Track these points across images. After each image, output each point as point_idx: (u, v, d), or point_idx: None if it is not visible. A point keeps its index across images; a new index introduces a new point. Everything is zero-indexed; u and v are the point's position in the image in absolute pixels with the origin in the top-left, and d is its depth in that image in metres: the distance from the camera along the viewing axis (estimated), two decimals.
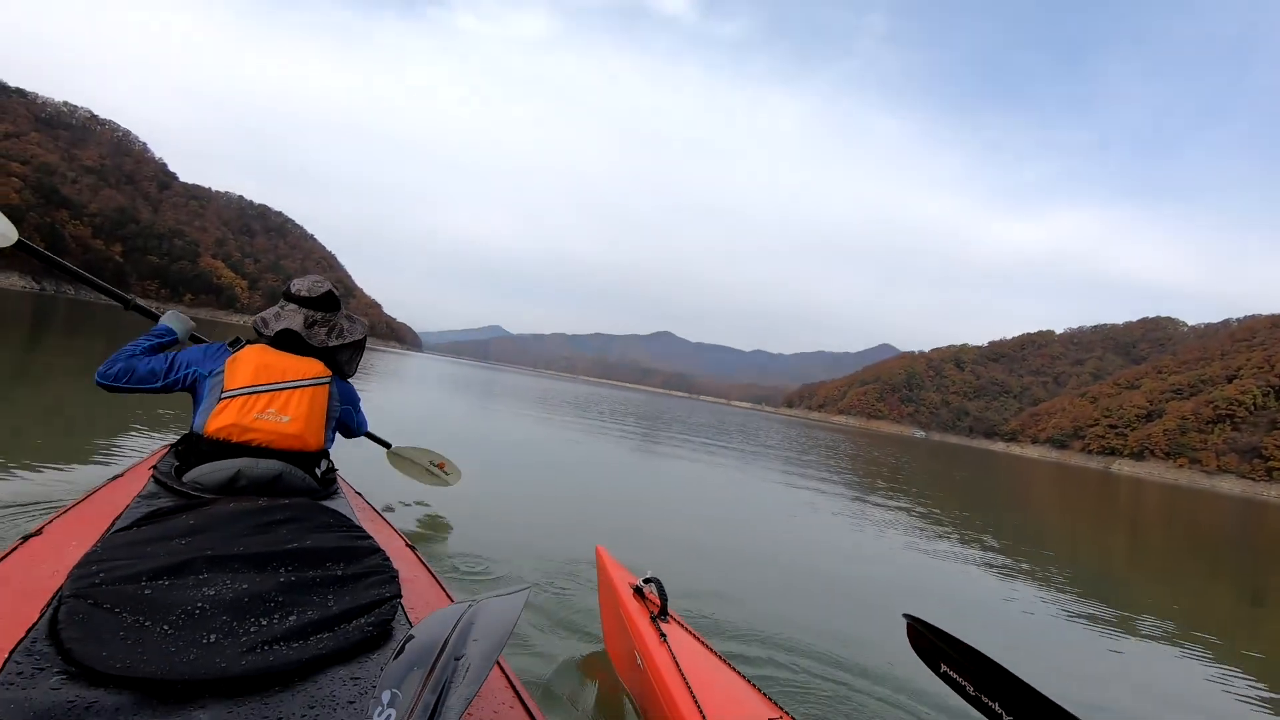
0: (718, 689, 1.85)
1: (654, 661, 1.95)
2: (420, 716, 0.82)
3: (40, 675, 0.90)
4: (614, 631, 2.56)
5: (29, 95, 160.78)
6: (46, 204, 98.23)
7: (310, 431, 1.96)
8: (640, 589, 2.38)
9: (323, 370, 2.05)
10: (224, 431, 1.85)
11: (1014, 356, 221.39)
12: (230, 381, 1.91)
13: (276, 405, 1.91)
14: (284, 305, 2.19)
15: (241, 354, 1.98)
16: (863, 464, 20.57)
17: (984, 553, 7.64)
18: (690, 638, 2.21)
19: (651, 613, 2.23)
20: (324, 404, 2.02)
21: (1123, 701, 3.64)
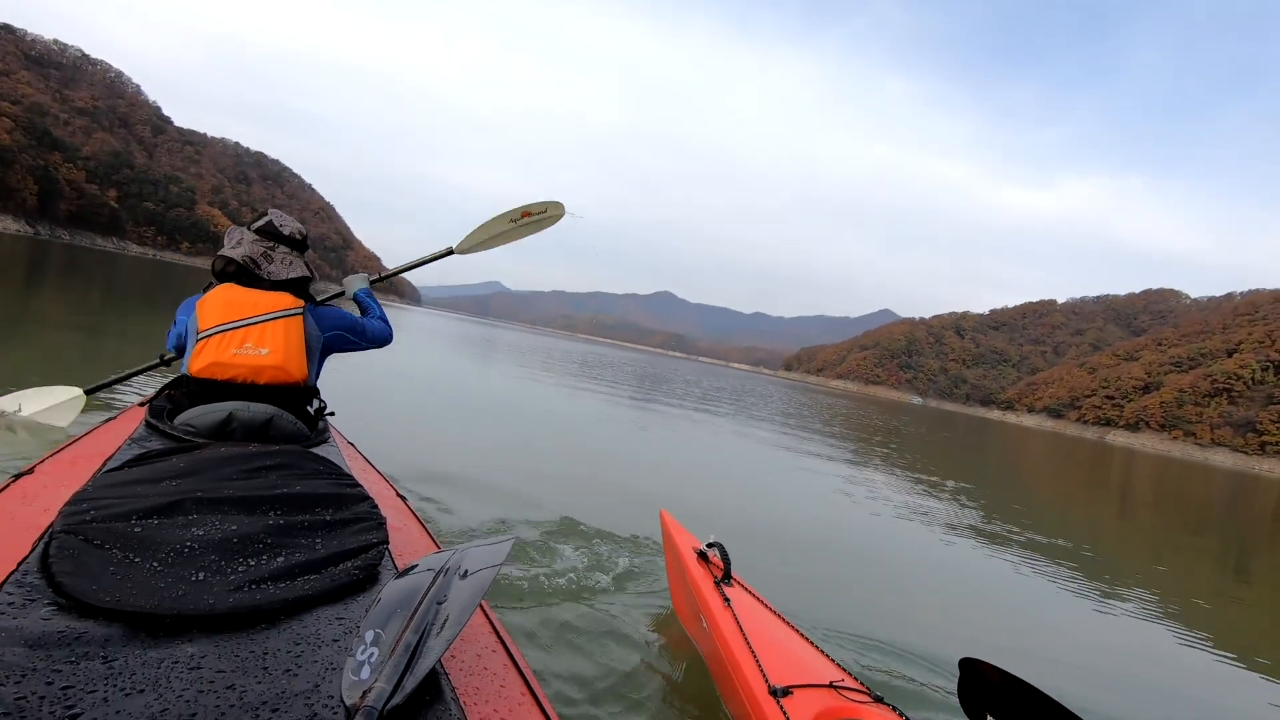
0: (781, 652, 1.88)
1: (718, 624, 1.98)
2: (402, 655, 0.85)
3: (31, 606, 0.92)
4: (680, 593, 2.62)
5: (17, 32, 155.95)
6: (38, 146, 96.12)
7: (291, 361, 1.97)
8: (704, 553, 2.41)
9: (293, 301, 2.05)
10: (206, 370, 1.89)
11: (1015, 325, 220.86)
12: (203, 322, 1.94)
13: (252, 339, 1.93)
14: (275, 247, 2.16)
15: (208, 296, 2.01)
16: (883, 436, 20.53)
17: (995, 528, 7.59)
18: (754, 601, 2.21)
19: (715, 576, 2.25)
20: (299, 332, 2.02)
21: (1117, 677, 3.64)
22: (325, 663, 0.92)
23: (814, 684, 1.72)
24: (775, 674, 1.74)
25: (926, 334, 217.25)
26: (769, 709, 1.65)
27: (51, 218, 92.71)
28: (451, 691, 0.92)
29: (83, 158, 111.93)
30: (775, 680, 1.71)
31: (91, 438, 1.92)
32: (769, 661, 1.79)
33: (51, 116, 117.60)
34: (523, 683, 1.06)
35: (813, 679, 1.75)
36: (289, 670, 0.89)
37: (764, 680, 1.71)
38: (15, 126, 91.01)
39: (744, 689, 1.77)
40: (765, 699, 1.67)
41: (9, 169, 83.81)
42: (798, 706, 1.64)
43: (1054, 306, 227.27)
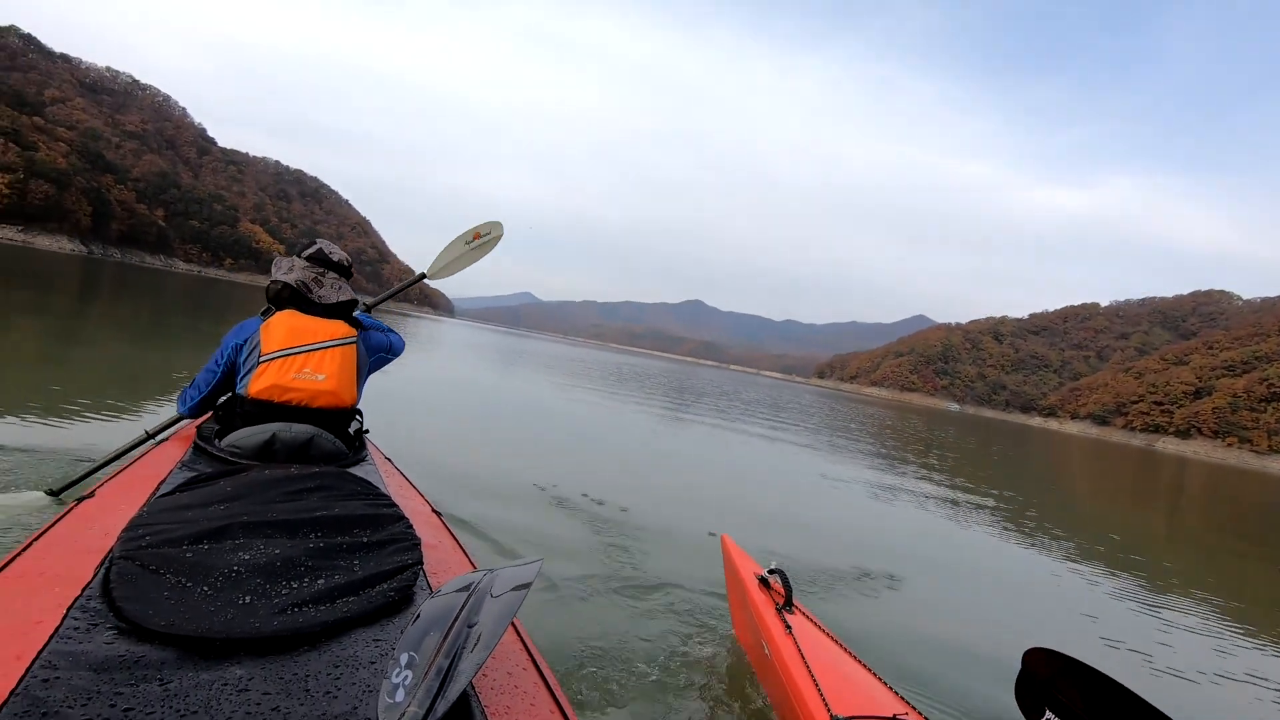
0: (844, 682, 1.88)
1: (780, 652, 1.98)
2: (434, 679, 0.87)
3: (95, 630, 0.97)
4: (741, 619, 2.60)
5: (73, 61, 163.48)
6: (92, 169, 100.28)
7: (344, 387, 2.10)
8: (765, 579, 2.39)
9: (350, 330, 2.18)
10: (266, 392, 1.99)
11: (1055, 329, 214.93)
12: (266, 345, 2.03)
13: (311, 365, 2.04)
14: (325, 273, 2.27)
15: (273, 320, 2.10)
16: (941, 450, 20.10)
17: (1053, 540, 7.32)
18: (816, 630, 2.19)
19: (777, 603, 2.22)
20: (354, 361, 2.16)
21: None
22: (362, 685, 0.95)
23: (877, 715, 1.70)
24: (838, 703, 1.72)
25: (963, 339, 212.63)
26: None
27: (104, 237, 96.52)
28: (482, 713, 0.95)
29: (133, 179, 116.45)
30: (838, 709, 1.69)
31: (146, 461, 2.00)
32: (831, 691, 1.77)
33: (104, 140, 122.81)
34: (553, 701, 1.08)
35: (875, 710, 1.73)
36: (329, 693, 0.92)
37: (826, 710, 1.70)
38: (71, 151, 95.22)
39: (805, 716, 1.75)
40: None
41: (65, 192, 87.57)
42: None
43: (1097, 309, 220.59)
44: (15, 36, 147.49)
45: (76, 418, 4.51)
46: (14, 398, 4.81)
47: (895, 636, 3.34)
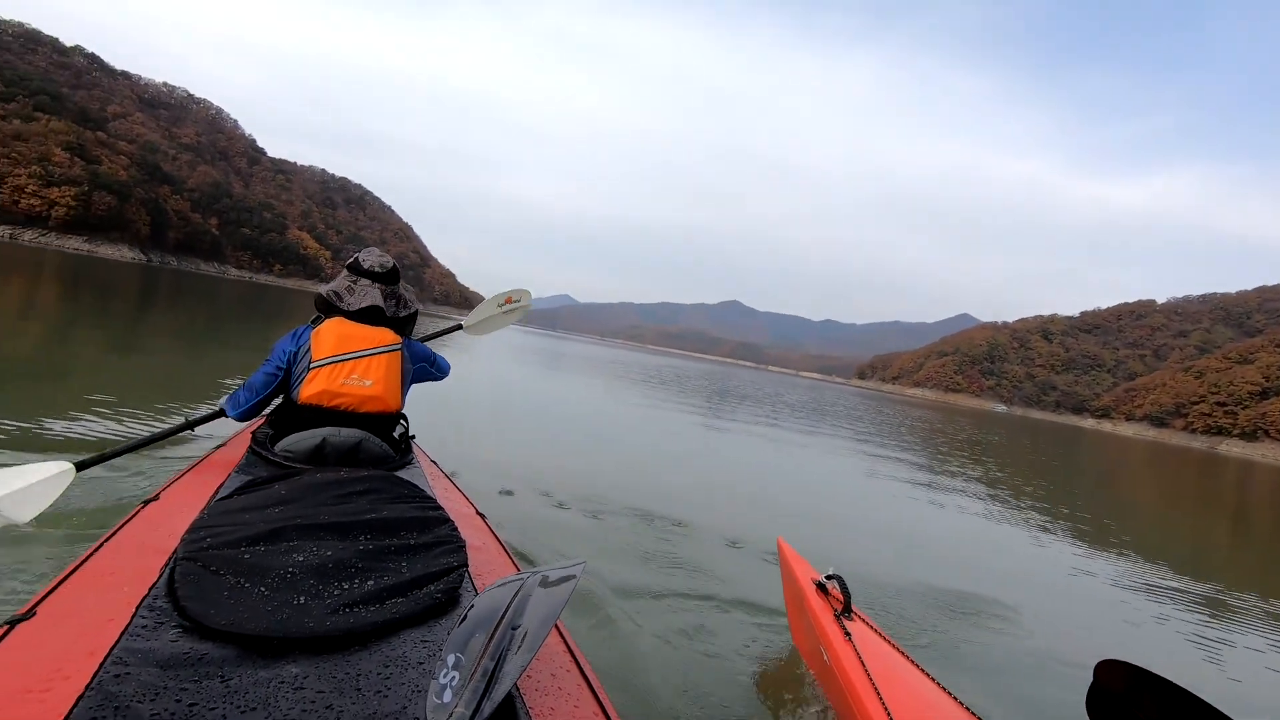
0: (907, 692, 1.83)
1: (839, 660, 1.94)
2: (480, 680, 0.89)
3: (161, 628, 1.01)
4: (799, 625, 2.53)
5: (133, 77, 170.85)
6: (150, 180, 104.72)
7: (389, 393, 2.19)
8: (823, 585, 2.32)
9: (395, 338, 2.27)
10: (317, 398, 2.08)
11: (1109, 328, 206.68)
12: (317, 352, 2.13)
13: (359, 371, 2.13)
14: (357, 280, 2.37)
15: (322, 328, 2.20)
16: (994, 453, 19.57)
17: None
18: (877, 637, 2.13)
19: (835, 610, 2.17)
20: (399, 367, 2.24)
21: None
22: (411, 685, 0.98)
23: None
24: (900, 714, 1.68)
25: (1010, 338, 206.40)
26: None
27: (161, 245, 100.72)
28: (526, 714, 0.97)
29: (188, 189, 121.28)
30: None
31: (206, 464, 2.10)
32: (894, 701, 1.72)
33: (161, 153, 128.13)
34: (596, 703, 1.09)
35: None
36: (380, 692, 0.94)
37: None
38: (131, 164, 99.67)
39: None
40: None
41: (126, 203, 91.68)
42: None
43: (1153, 307, 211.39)
44: (81, 56, 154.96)
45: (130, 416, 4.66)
46: (75, 398, 4.99)
47: (958, 645, 3.21)
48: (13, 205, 79.54)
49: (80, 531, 2.47)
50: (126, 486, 3.11)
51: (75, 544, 2.35)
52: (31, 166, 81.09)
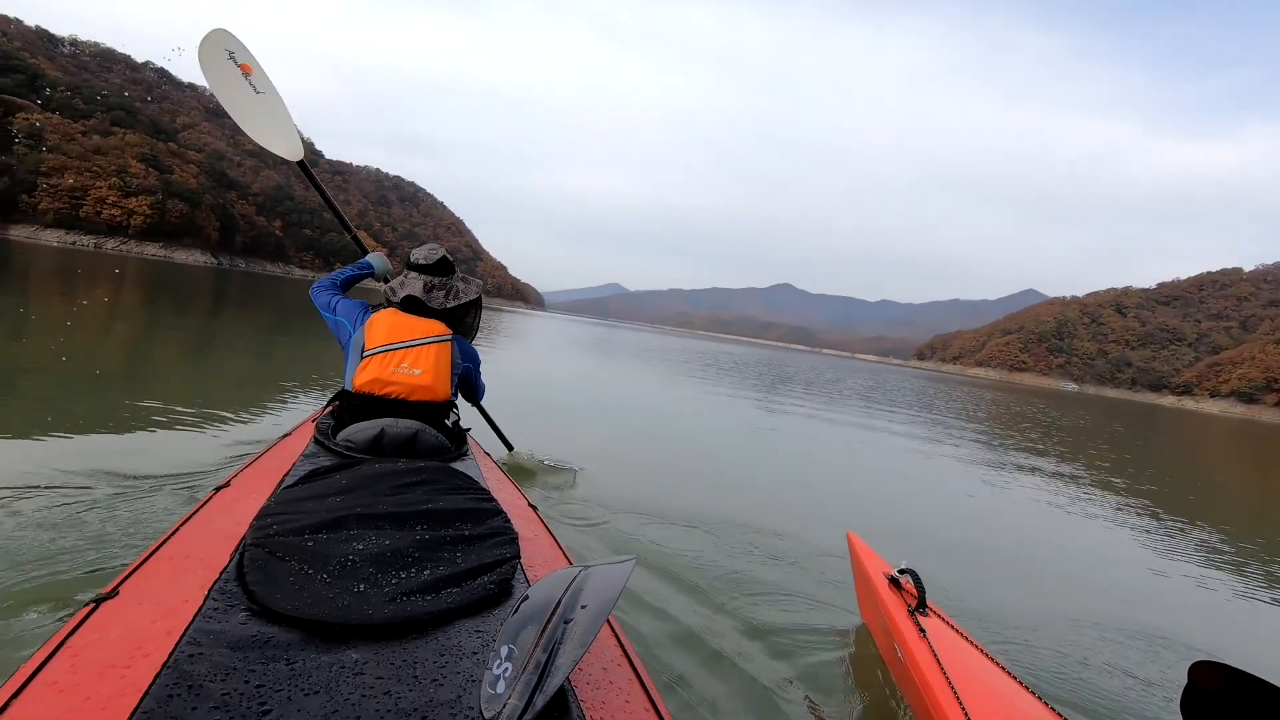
0: (986, 690, 1.77)
1: (914, 656, 1.91)
2: (533, 673, 0.89)
3: (231, 611, 1.06)
4: (872, 621, 2.50)
5: (199, 89, 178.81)
6: (218, 186, 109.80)
7: (439, 382, 2.25)
8: (896, 579, 2.26)
9: (444, 330, 2.34)
10: (368, 386, 2.17)
11: (1190, 299, 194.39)
12: (369, 342, 2.22)
13: (409, 360, 2.21)
14: (406, 274, 2.45)
15: (375, 318, 2.29)
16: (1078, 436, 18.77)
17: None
18: (954, 634, 2.08)
19: (909, 605, 2.14)
20: (448, 358, 2.30)
21: None
22: (466, 674, 1.00)
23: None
24: (978, 712, 1.63)
25: (1080, 314, 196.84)
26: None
27: (230, 248, 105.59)
28: (578, 708, 0.97)
29: (253, 194, 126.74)
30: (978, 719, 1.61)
31: (273, 453, 2.18)
32: (971, 700, 1.67)
33: (228, 160, 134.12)
34: (646, 698, 1.09)
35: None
36: (435, 680, 0.97)
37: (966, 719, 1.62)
38: (200, 172, 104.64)
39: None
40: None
41: (197, 209, 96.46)
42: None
43: (1239, 275, 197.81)
44: (151, 71, 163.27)
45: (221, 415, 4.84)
46: (167, 396, 5.24)
47: (1041, 642, 3.06)
48: (96, 216, 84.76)
49: (161, 514, 2.62)
50: (202, 472, 3.26)
51: (156, 526, 2.48)
52: (111, 179, 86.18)
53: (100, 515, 2.53)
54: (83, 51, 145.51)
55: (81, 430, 3.88)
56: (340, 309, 2.43)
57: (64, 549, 2.22)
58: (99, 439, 3.78)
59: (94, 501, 2.66)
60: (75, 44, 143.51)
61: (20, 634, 1.71)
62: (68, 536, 2.32)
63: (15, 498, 2.59)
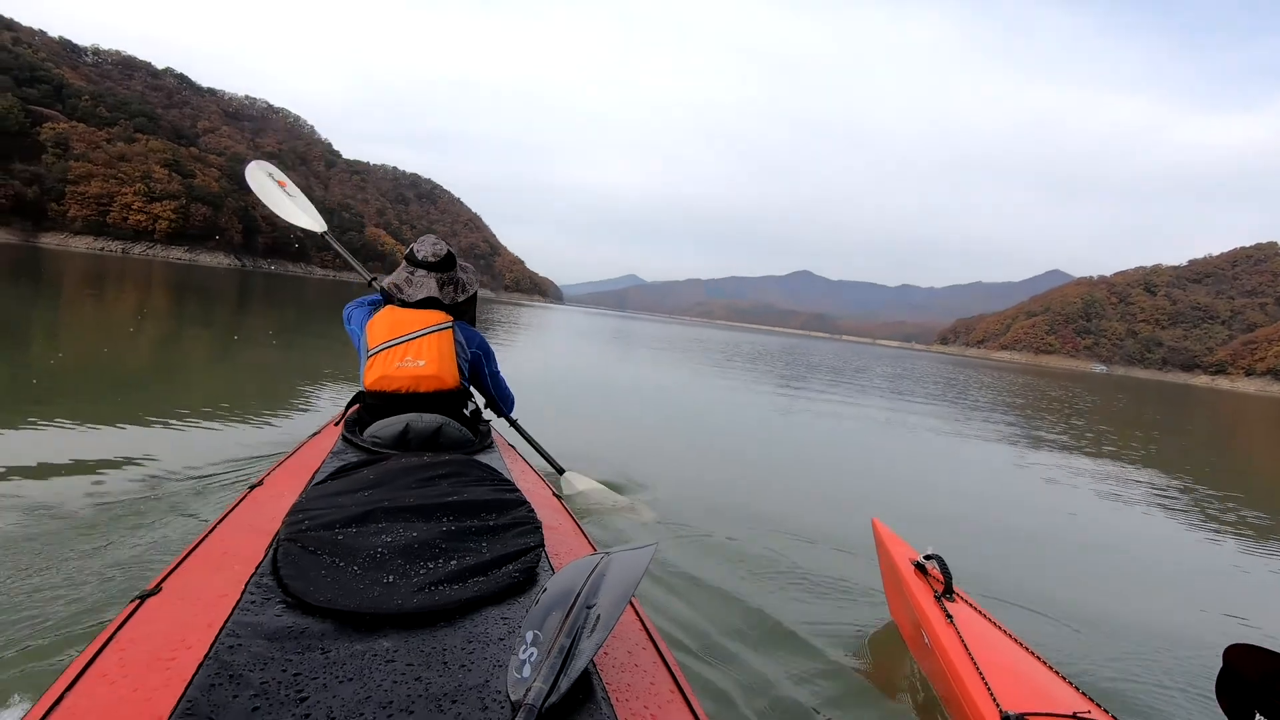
0: (1014, 675, 1.74)
1: (940, 642, 1.89)
2: (557, 657, 0.93)
3: (267, 604, 1.10)
4: (899, 608, 2.45)
5: (218, 93, 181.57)
6: (239, 190, 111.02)
7: (445, 370, 2.27)
8: (922, 565, 2.22)
9: (443, 317, 2.35)
10: (378, 384, 2.22)
11: (1222, 275, 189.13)
12: (371, 341, 2.27)
13: (411, 353, 2.24)
14: (414, 272, 2.45)
15: (376, 318, 2.33)
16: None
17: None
18: (982, 619, 2.05)
19: (935, 591, 2.12)
20: (450, 345, 2.31)
21: None
22: (493, 660, 1.02)
23: (1053, 713, 1.56)
24: (1007, 699, 1.60)
25: (1108, 293, 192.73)
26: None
27: (253, 250, 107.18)
28: (603, 690, 0.99)
29: None
30: (1008, 705, 1.57)
31: (304, 451, 2.24)
32: (1000, 685, 1.65)
33: (248, 162, 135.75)
34: (671, 680, 1.11)
35: (1052, 707, 1.58)
36: (463, 666, 1.00)
37: (995, 705, 1.58)
38: (222, 175, 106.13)
39: (972, 712, 1.64)
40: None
41: (219, 212, 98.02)
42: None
43: (1275, 250, 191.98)
44: (171, 77, 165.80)
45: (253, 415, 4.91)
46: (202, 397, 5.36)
47: (1072, 627, 2.99)
48: (123, 222, 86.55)
49: (198, 513, 2.71)
50: (236, 471, 3.34)
51: (194, 525, 2.57)
52: (136, 185, 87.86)
53: (140, 513, 2.62)
54: (105, 60, 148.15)
55: (122, 430, 4.00)
56: (354, 319, 2.50)
57: (106, 547, 2.30)
58: (139, 438, 3.90)
59: (133, 500, 2.77)
60: (98, 53, 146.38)
61: (71, 630, 1.79)
62: (109, 536, 2.40)
63: (59, 501, 2.69)
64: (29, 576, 2.06)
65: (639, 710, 0.99)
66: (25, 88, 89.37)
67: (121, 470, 3.16)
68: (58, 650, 1.70)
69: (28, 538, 2.32)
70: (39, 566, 2.12)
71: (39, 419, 4.01)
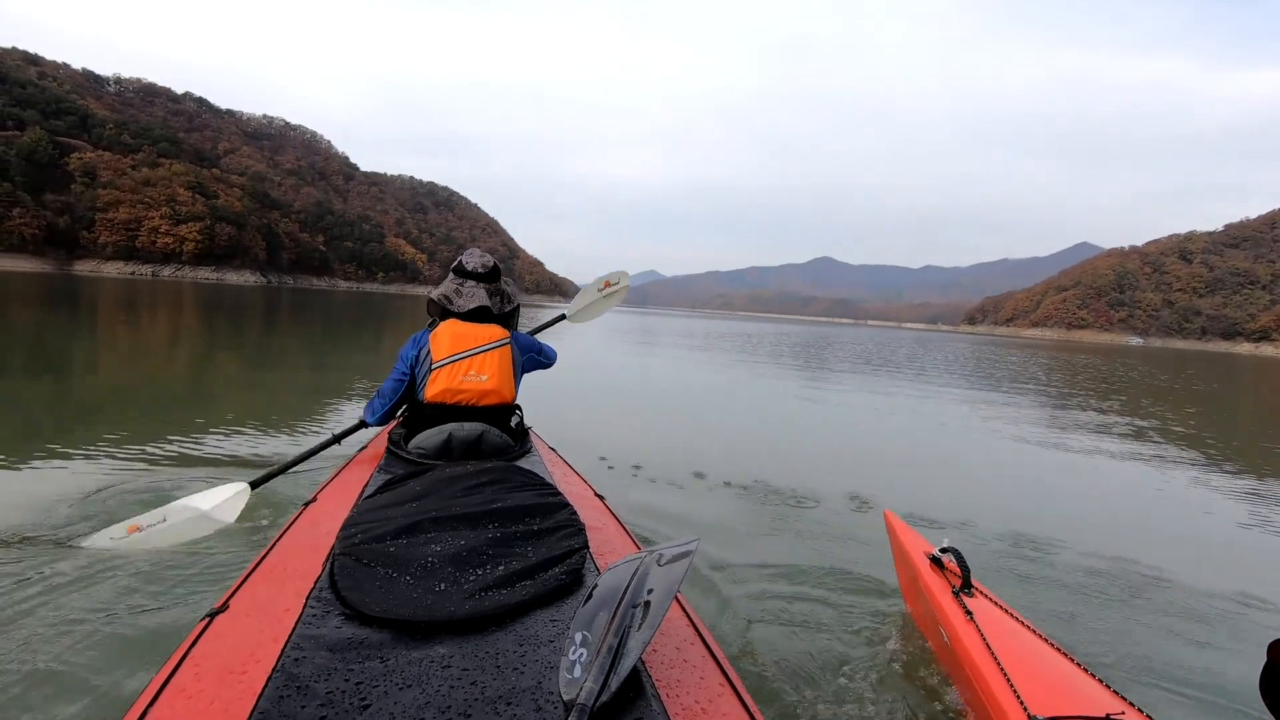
0: (1041, 675, 1.66)
1: (960, 641, 1.82)
2: (606, 656, 0.95)
3: (327, 617, 1.14)
4: (915, 602, 2.38)
5: (236, 114, 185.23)
6: (262, 207, 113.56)
7: (504, 385, 2.34)
8: (938, 559, 2.17)
9: (503, 333, 2.41)
10: (440, 396, 2.26)
11: (1261, 239, 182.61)
12: (436, 354, 2.30)
13: (475, 367, 2.29)
14: (464, 283, 2.49)
15: (438, 331, 2.36)
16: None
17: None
18: (1003, 614, 1.97)
19: (953, 586, 2.05)
20: (510, 360, 2.39)
21: None
22: (544, 662, 1.04)
23: (1085, 715, 1.48)
24: (1034, 700, 1.52)
25: (1141, 264, 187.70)
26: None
27: (278, 266, 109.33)
28: (652, 687, 1.01)
29: (295, 211, 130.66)
30: (1035, 708, 1.49)
31: (352, 466, 2.34)
32: (1025, 685, 1.57)
33: (269, 180, 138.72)
34: (721, 673, 1.12)
35: (1083, 708, 1.51)
36: (516, 669, 1.02)
37: (1021, 707, 1.50)
38: (244, 194, 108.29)
39: (996, 714, 1.57)
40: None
41: (243, 231, 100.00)
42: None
43: None
44: (191, 101, 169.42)
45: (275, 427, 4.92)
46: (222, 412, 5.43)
47: (1099, 621, 2.86)
48: (151, 245, 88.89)
49: (258, 532, 2.81)
50: (291, 491, 3.47)
51: (255, 544, 2.65)
52: (162, 208, 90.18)
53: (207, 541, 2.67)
54: (126, 88, 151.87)
55: (171, 452, 4.14)
56: (401, 355, 2.43)
57: (173, 568, 2.43)
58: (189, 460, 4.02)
59: None
60: (119, 82, 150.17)
61: (147, 648, 1.91)
62: (176, 556, 2.52)
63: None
64: (105, 598, 2.17)
65: (690, 705, 1.00)
66: (52, 120, 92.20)
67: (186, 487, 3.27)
68: (136, 668, 1.79)
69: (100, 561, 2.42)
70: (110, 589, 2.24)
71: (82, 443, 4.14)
